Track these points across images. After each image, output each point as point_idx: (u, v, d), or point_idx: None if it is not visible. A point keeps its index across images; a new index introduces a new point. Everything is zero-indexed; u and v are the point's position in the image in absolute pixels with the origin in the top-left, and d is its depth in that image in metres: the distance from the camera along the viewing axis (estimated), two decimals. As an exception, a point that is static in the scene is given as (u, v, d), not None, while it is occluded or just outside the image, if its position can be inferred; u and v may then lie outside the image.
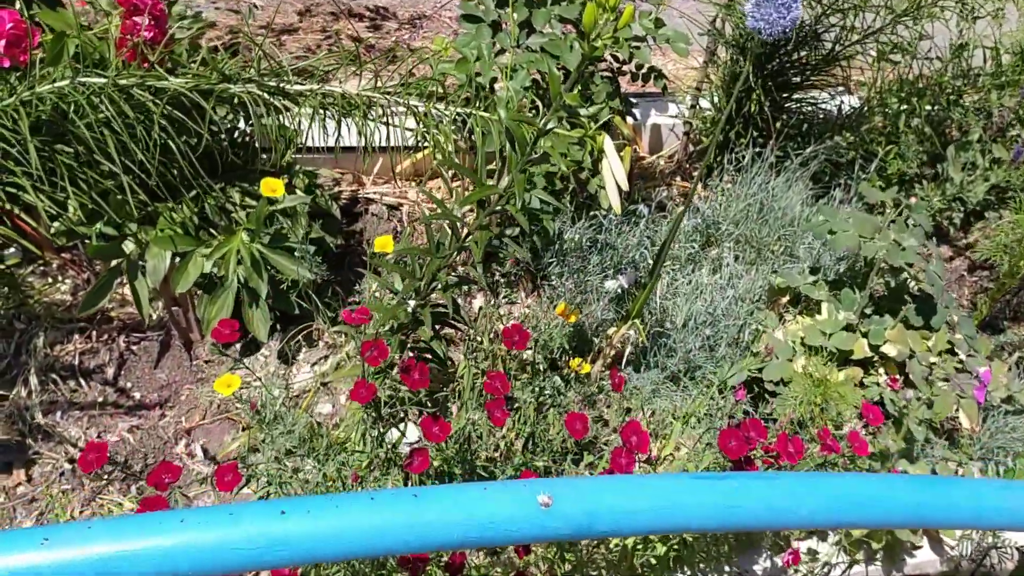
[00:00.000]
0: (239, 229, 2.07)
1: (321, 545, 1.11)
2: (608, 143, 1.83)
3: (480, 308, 2.49)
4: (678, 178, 2.97)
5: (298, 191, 2.22)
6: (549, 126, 1.49)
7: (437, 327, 2.08)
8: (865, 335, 2.08)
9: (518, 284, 2.51)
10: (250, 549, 1.10)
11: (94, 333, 2.18)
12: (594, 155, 2.14)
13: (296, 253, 2.09)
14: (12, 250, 2.29)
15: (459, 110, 1.84)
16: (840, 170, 2.72)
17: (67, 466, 1.89)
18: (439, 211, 1.68)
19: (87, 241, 2.06)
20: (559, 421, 1.72)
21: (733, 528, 1.31)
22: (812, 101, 2.79)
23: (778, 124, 2.61)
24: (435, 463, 1.57)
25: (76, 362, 2.13)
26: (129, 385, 2.15)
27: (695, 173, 2.97)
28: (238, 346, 2.23)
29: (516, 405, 1.80)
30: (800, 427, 1.91)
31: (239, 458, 1.94)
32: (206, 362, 2.21)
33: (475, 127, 1.83)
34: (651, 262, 2.42)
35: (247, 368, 2.04)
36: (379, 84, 1.94)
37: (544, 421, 1.72)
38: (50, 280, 2.28)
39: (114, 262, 2.08)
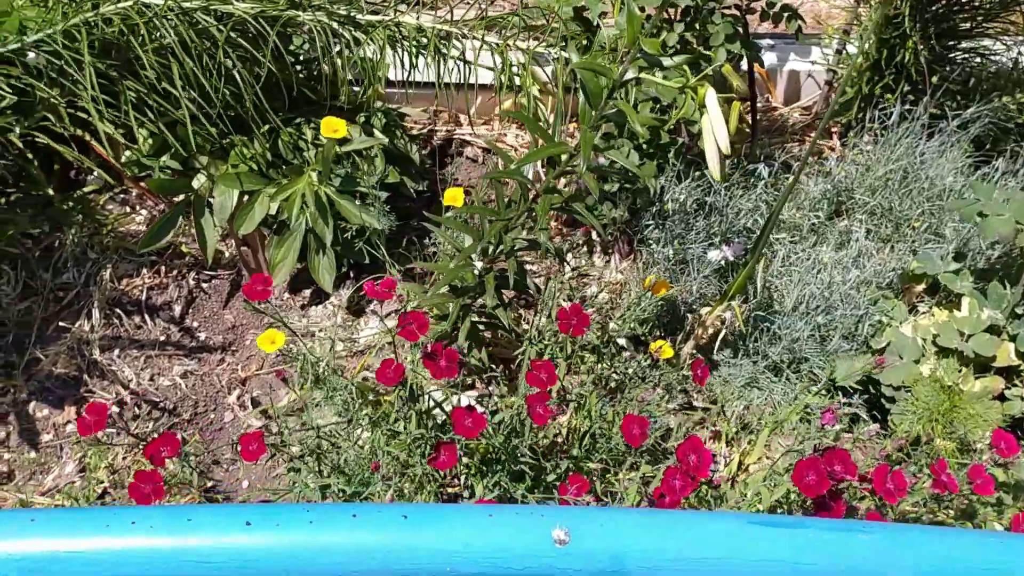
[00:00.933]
0: (308, 170, 1.93)
1: (288, 565, 0.95)
2: (711, 97, 1.55)
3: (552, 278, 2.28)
4: (813, 134, 2.63)
5: (376, 131, 2.05)
6: (627, 76, 1.25)
7: (514, 292, 1.89)
8: (1013, 339, 1.75)
9: (613, 247, 2.28)
10: (203, 562, 0.95)
11: (163, 268, 2.11)
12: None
13: (367, 199, 1.94)
14: (93, 176, 2.24)
15: (543, 49, 1.60)
16: (1008, 136, 2.31)
17: (115, 409, 1.83)
18: (505, 168, 1.47)
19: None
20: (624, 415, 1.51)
21: None
22: (983, 51, 2.37)
23: (935, 78, 2.22)
24: (467, 459, 1.39)
25: (143, 297, 2.06)
26: (196, 325, 2.07)
27: (834, 129, 2.62)
28: (307, 293, 2.11)
29: (578, 391, 1.59)
30: (916, 446, 1.62)
31: (285, 415, 1.83)
32: (276, 306, 2.10)
33: (557, 72, 1.59)
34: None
35: (306, 319, 1.92)
36: (460, 17, 1.72)
37: (604, 417, 1.51)
38: (127, 210, 2.22)
39: (180, 197, 1.98)
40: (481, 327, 1.80)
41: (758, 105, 2.70)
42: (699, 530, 1.01)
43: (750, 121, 2.42)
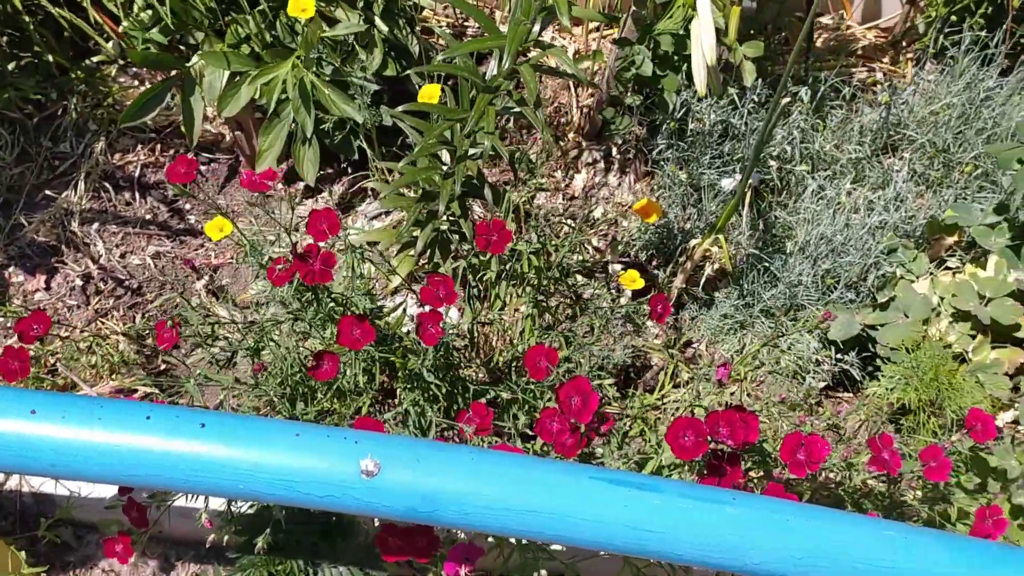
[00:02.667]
0: (294, 55, 1.83)
1: (70, 461, 0.89)
2: None
3: (583, 187, 2.12)
4: (886, 59, 2.35)
5: (377, 18, 1.92)
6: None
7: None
8: (1042, 308, 1.52)
9: (631, 166, 2.10)
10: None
11: (160, 146, 2.07)
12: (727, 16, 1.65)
13: (350, 91, 1.83)
14: (110, 45, 2.20)
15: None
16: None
17: (79, 282, 1.81)
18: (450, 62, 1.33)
19: (143, 47, 1.91)
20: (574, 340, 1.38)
21: (641, 556, 0.95)
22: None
23: (1018, 0, 1.92)
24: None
25: (137, 174, 2.03)
26: (188, 207, 2.03)
27: (909, 55, 2.33)
28: (301, 186, 2.04)
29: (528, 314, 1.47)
30: (903, 416, 1.44)
31: (254, 305, 1.78)
32: (266, 196, 2.04)
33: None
34: (797, 162, 1.91)
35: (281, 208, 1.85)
36: None
37: (546, 336, 1.38)
38: (136, 83, 2.17)
39: (174, 73, 1.91)
40: (451, 236, 1.69)
41: (826, 21, 2.43)
42: (529, 477, 0.89)
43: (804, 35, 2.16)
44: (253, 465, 0.86)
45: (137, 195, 2.00)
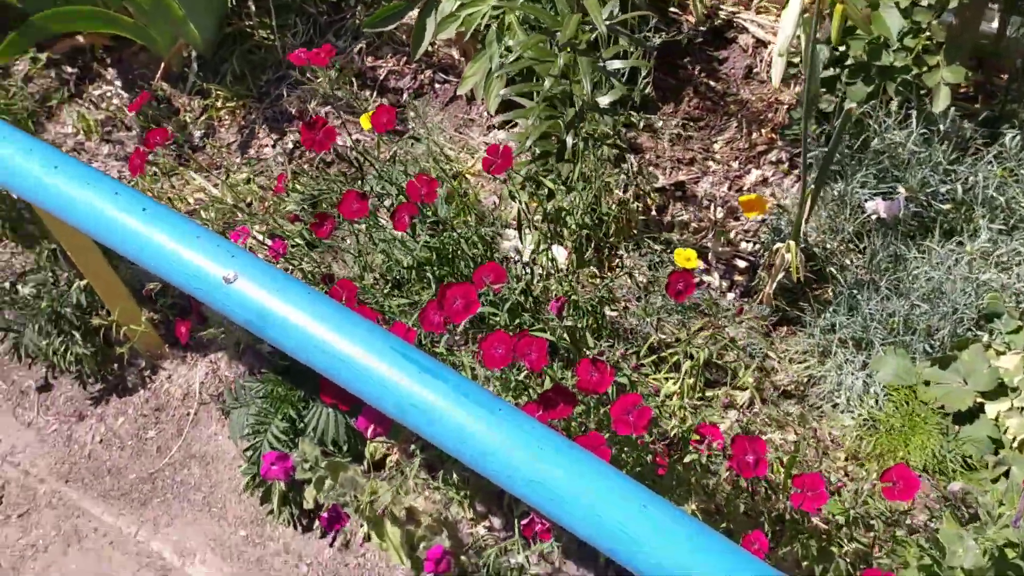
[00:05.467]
0: (504, -6, 2.04)
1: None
2: None
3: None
4: None
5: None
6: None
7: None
8: None
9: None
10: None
11: (404, 59, 2.41)
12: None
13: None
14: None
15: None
16: None
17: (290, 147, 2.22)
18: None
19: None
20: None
21: (403, 422, 1.06)
22: None
23: None
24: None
25: (381, 77, 2.40)
26: (411, 115, 2.36)
27: None
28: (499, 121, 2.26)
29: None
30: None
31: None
32: (471, 121, 2.30)
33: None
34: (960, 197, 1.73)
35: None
36: None
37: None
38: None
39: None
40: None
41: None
42: (343, 323, 1.06)
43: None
44: (170, 251, 1.13)
45: (375, 94, 2.37)
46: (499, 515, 1.69)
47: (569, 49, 1.61)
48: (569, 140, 1.65)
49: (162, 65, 2.39)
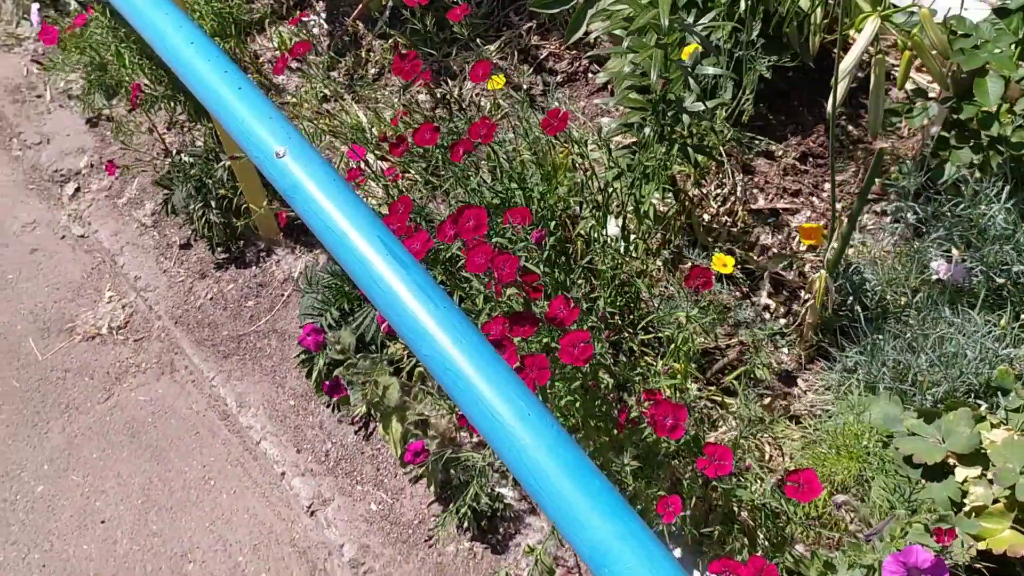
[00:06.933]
0: None
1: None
2: (868, 27, 1.38)
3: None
4: None
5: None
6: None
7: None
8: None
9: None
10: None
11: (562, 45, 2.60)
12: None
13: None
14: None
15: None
16: None
17: (427, 96, 2.47)
18: None
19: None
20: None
21: (369, 298, 1.24)
22: None
23: None
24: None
25: (542, 56, 2.61)
26: (560, 96, 2.55)
27: None
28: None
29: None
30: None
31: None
32: (607, 112, 2.46)
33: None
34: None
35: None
36: None
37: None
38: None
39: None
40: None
41: None
42: (355, 209, 1.27)
43: None
44: (248, 123, 1.38)
45: (531, 70, 2.58)
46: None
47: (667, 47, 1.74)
48: (647, 130, 1.78)
49: (359, 6, 2.72)
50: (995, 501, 1.36)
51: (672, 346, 1.52)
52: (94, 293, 2.36)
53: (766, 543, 1.34)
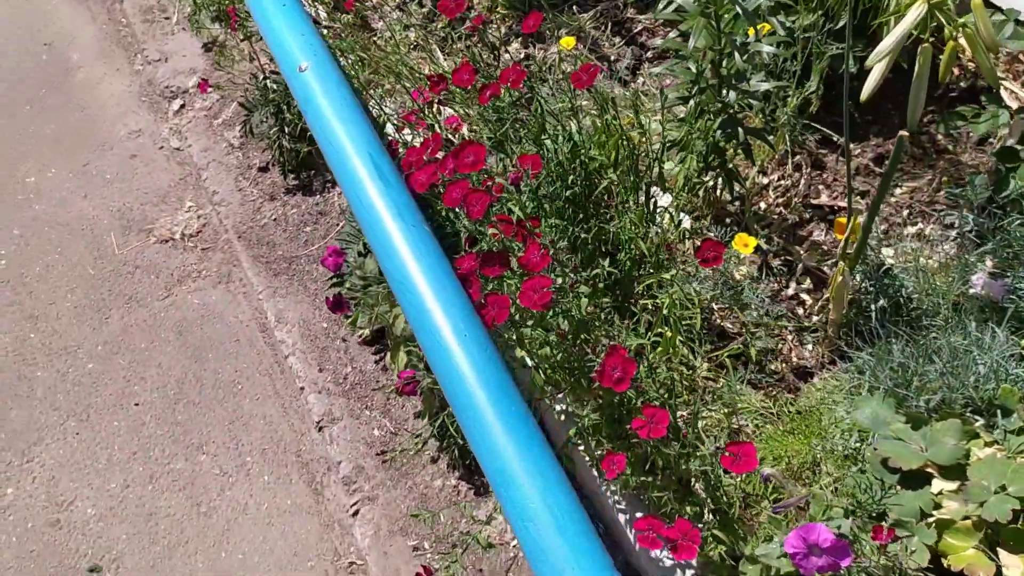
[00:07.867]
0: None
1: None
2: (910, 13, 1.31)
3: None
4: None
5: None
6: None
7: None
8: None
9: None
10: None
11: (654, 18, 2.57)
12: None
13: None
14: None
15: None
16: None
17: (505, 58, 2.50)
18: None
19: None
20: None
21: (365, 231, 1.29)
22: None
23: None
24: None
25: (635, 31, 2.59)
26: (644, 73, 2.54)
27: None
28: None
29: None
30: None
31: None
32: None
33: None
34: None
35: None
36: None
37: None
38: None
39: None
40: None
41: None
42: (344, 117, 1.33)
43: None
44: (282, 37, 1.46)
45: (623, 42, 2.57)
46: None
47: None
48: (691, 103, 1.75)
49: (465, -38, 2.77)
50: (966, 518, 1.29)
51: (663, 311, 1.51)
52: (176, 202, 2.52)
53: (712, 515, 1.32)
